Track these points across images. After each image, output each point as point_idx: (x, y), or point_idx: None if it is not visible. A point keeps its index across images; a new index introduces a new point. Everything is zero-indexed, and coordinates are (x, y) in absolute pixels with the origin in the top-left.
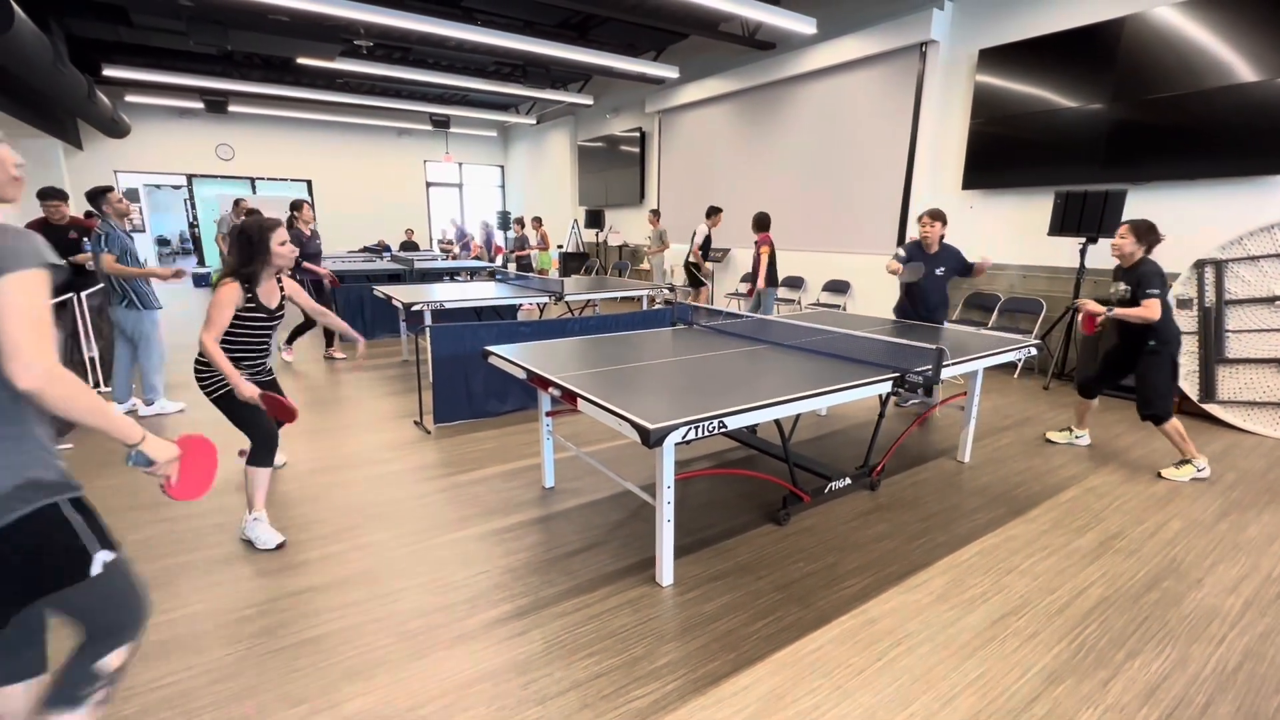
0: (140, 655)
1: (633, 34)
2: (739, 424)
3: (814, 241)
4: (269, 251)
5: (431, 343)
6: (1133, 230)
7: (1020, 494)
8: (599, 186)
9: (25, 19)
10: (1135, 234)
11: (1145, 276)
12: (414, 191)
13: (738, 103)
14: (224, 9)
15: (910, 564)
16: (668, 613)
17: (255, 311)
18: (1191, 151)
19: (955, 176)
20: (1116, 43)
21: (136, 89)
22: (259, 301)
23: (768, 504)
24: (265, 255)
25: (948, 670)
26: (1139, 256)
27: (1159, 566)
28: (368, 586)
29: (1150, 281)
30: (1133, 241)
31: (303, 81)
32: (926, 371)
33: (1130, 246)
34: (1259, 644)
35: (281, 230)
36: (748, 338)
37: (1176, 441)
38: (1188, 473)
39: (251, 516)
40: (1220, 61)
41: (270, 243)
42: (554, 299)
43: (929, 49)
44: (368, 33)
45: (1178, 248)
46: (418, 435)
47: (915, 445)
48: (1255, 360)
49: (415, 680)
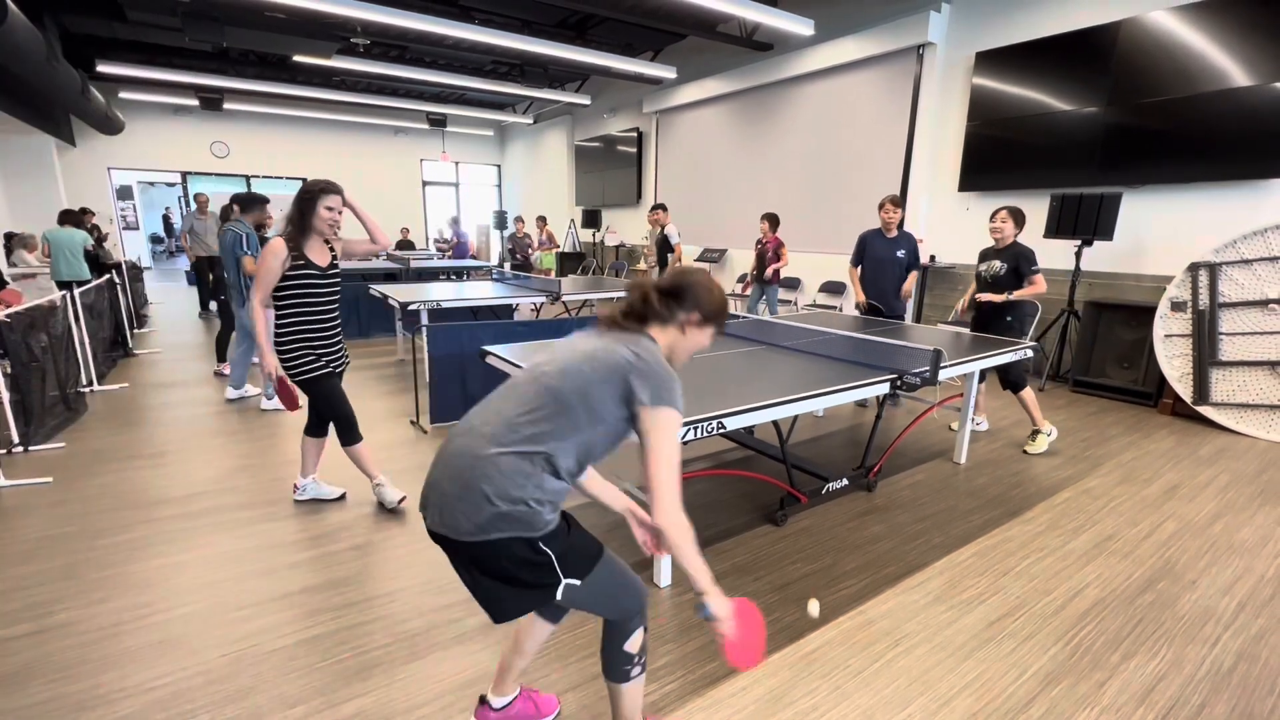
0: (134, 656)
1: (631, 34)
2: (738, 425)
3: (811, 242)
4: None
5: (428, 342)
6: (1012, 215)
7: (1016, 495)
8: (596, 186)
9: (19, 14)
10: (1014, 219)
11: (1024, 257)
12: (410, 190)
13: (735, 103)
14: (220, 6)
15: (907, 565)
16: (666, 614)
17: (305, 269)
18: (1186, 155)
19: (952, 178)
20: (1112, 46)
21: (131, 85)
22: (307, 258)
23: (765, 505)
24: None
25: (945, 671)
26: (1014, 238)
27: (1154, 568)
28: (364, 587)
29: (1031, 260)
30: (1012, 225)
31: (299, 79)
32: (924, 373)
33: (1010, 229)
34: (1253, 645)
35: (334, 197)
36: (745, 339)
37: (1031, 410)
38: (1042, 444)
39: (375, 483)
40: (1214, 66)
41: (318, 204)
42: (551, 299)
43: (926, 51)
44: (365, 31)
45: (1173, 250)
46: (414, 435)
47: (912, 446)
48: (1249, 363)
49: (413, 681)
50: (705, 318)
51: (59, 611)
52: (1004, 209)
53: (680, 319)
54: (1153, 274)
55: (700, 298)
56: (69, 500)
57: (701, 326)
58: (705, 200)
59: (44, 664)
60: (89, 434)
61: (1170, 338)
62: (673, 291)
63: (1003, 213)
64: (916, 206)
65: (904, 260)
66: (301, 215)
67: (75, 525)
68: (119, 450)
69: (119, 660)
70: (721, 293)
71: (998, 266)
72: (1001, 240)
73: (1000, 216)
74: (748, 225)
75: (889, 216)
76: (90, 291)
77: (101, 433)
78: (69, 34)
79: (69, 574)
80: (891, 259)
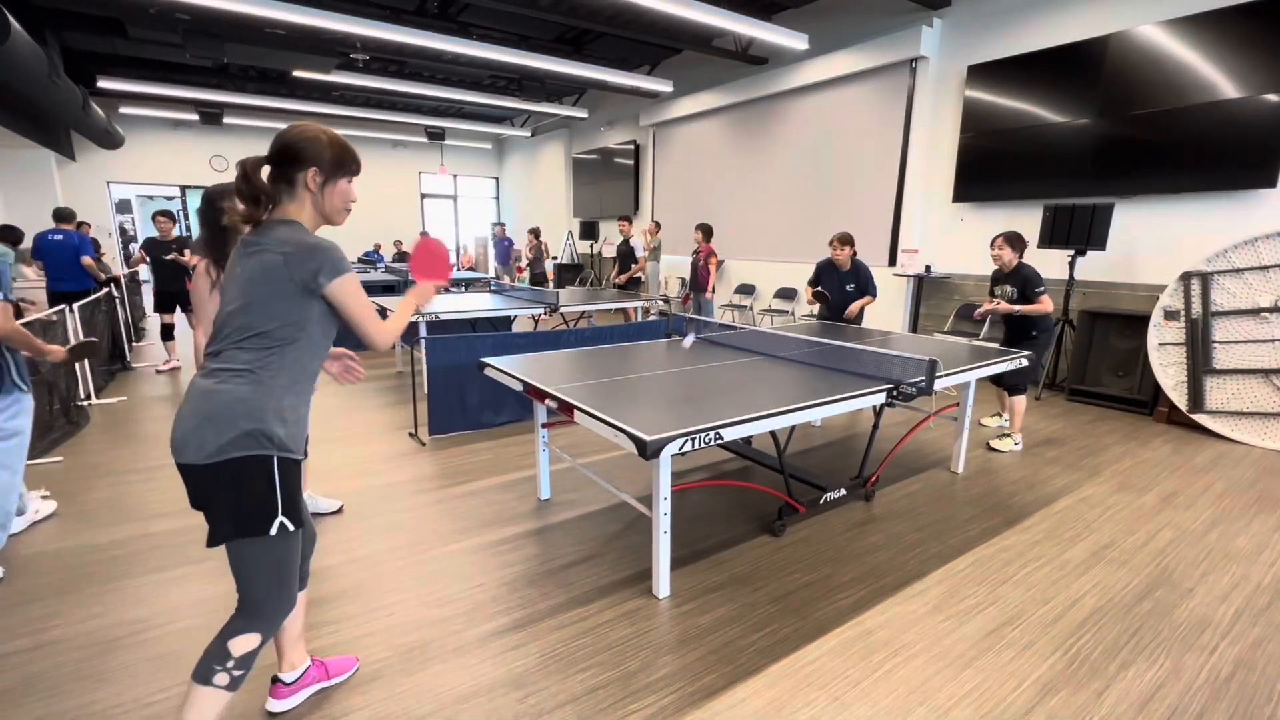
0: (130, 671)
1: (627, 48)
2: (736, 435)
3: (807, 254)
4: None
5: (427, 354)
6: (1008, 242)
7: (1014, 504)
8: (593, 198)
9: (21, 31)
10: (1011, 245)
11: (1029, 279)
12: (409, 203)
13: (731, 116)
14: (220, 22)
15: (906, 574)
16: (664, 625)
17: None
18: (1176, 166)
19: (946, 189)
20: (1102, 59)
21: (131, 101)
22: None
23: (763, 515)
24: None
25: (944, 681)
26: (1016, 262)
27: (1151, 576)
28: (362, 600)
29: (1036, 282)
30: (1010, 251)
31: (298, 93)
32: (920, 383)
33: (1009, 255)
34: (1250, 653)
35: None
36: (742, 349)
37: (1016, 415)
38: (1008, 444)
39: None
40: (1203, 78)
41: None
42: (549, 310)
43: (919, 65)
44: (364, 46)
45: (1165, 260)
46: (412, 447)
47: (909, 456)
48: (1243, 371)
49: (411, 694)
50: (329, 168)
51: (55, 627)
52: (1000, 236)
53: (304, 183)
54: (1146, 283)
55: (309, 151)
56: (66, 514)
57: (332, 178)
58: (702, 212)
59: (40, 679)
60: (87, 447)
61: (1164, 346)
62: (277, 159)
63: (999, 240)
64: (911, 217)
65: (852, 292)
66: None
67: (72, 540)
68: (116, 464)
69: (115, 675)
70: (333, 135)
71: (1009, 291)
72: (1004, 265)
73: (998, 244)
74: (744, 237)
75: (836, 254)
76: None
77: (99, 446)
78: (70, 50)
79: (65, 589)
80: (841, 289)
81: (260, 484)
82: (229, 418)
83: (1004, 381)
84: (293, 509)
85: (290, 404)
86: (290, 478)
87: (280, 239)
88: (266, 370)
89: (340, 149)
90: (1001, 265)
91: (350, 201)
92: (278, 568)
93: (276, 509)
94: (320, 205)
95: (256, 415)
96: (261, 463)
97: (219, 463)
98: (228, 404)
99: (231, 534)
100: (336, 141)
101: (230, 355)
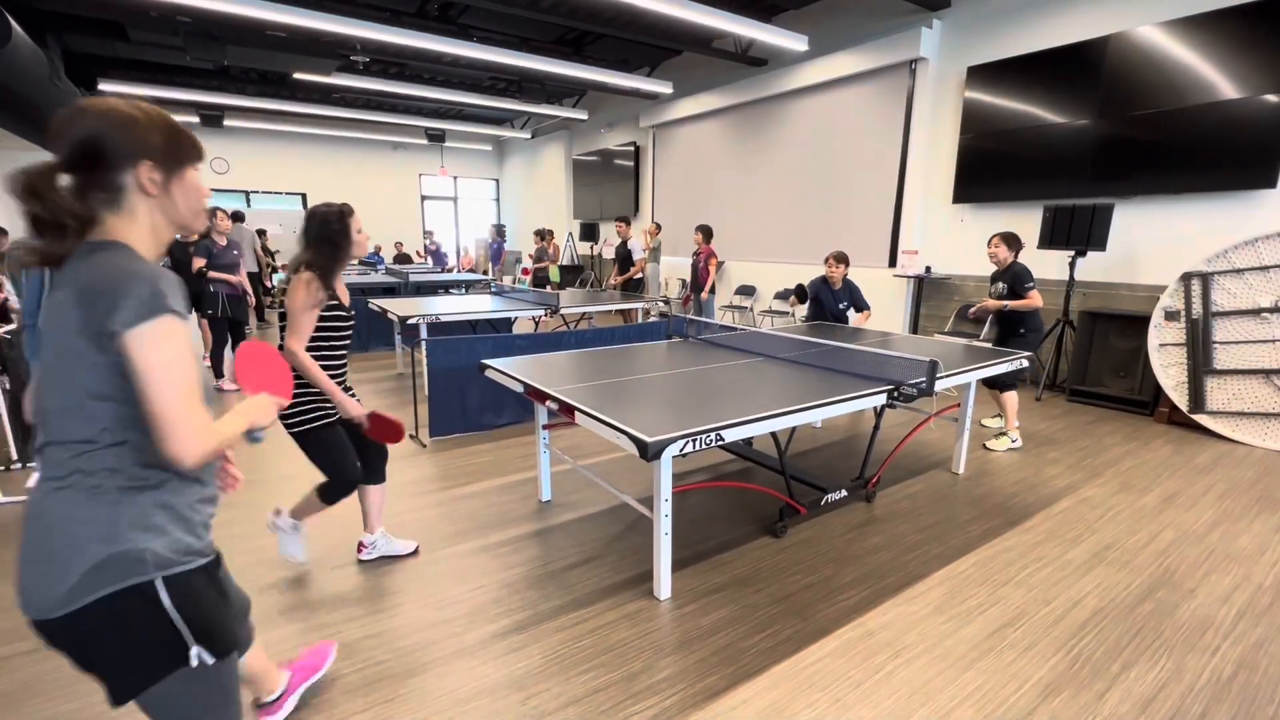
0: None
1: (627, 50)
2: (736, 436)
3: (808, 255)
4: (350, 240)
5: (427, 356)
6: (1004, 240)
7: (1015, 505)
8: (594, 200)
9: (22, 34)
10: (1007, 244)
11: (1019, 275)
12: (409, 205)
13: (731, 118)
14: (221, 25)
15: (907, 575)
16: (665, 626)
17: (336, 309)
18: (1176, 166)
19: (946, 190)
20: (1101, 60)
21: None
22: (339, 299)
23: (764, 517)
24: (347, 244)
25: (946, 682)
26: (1010, 260)
27: (1152, 577)
28: (363, 602)
29: (1025, 277)
30: (1005, 249)
31: (299, 96)
32: (921, 384)
33: (1004, 253)
34: (1252, 653)
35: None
36: (744, 350)
37: (1009, 411)
38: (1004, 443)
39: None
40: (1202, 79)
41: (351, 230)
42: (549, 312)
43: (918, 66)
44: (364, 49)
45: (1165, 260)
46: (413, 449)
47: (910, 457)
48: (1243, 371)
49: (412, 696)
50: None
51: None
52: (996, 235)
53: (134, 187)
54: (1146, 284)
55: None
56: None
57: (176, 170)
58: (702, 213)
59: (42, 682)
60: None
61: (1165, 347)
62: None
63: (995, 239)
64: (911, 218)
65: (846, 309)
66: (334, 244)
67: None
68: None
69: None
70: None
71: (1001, 287)
72: (999, 263)
73: (994, 243)
74: (744, 238)
75: (832, 271)
76: None
77: None
78: (71, 53)
79: None
80: (835, 306)
81: (145, 622)
82: (68, 547)
83: (993, 379)
84: (210, 632)
85: (170, 498)
86: (196, 594)
87: (76, 272)
88: (101, 470)
89: (168, 126)
90: (998, 264)
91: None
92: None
93: (184, 641)
94: (169, 211)
95: (108, 535)
96: (139, 593)
97: (75, 612)
98: (62, 528)
99: (139, 685)
100: (158, 117)
101: (51, 455)
